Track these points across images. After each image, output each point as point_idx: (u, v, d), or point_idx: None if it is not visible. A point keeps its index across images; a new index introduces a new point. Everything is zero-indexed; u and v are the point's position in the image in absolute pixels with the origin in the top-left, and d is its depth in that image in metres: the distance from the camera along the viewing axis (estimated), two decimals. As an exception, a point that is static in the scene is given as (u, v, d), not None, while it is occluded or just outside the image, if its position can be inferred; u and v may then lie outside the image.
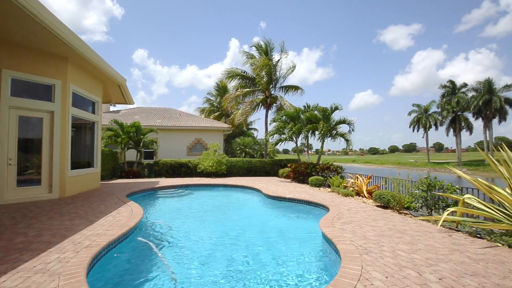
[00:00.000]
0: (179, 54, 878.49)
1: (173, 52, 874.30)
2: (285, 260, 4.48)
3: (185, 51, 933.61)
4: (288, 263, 4.36)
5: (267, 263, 4.35)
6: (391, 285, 3.15)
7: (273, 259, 4.53)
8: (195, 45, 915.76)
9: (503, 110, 42.60)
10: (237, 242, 5.44)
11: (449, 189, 6.55)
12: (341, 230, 5.26)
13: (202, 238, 5.63)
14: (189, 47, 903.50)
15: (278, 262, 4.38)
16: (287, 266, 4.25)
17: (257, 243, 5.41)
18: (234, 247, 5.09)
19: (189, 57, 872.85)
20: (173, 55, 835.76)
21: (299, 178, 13.73)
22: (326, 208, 7.52)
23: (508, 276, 3.43)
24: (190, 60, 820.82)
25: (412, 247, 4.43)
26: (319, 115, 14.19)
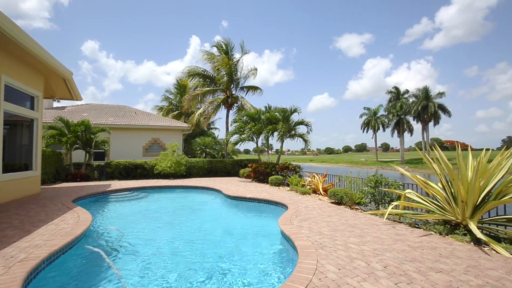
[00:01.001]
0: (135, 48, 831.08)
1: (128, 46, 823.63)
2: (245, 259, 4.51)
3: (142, 45, 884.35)
4: (248, 262, 4.39)
5: (227, 264, 4.32)
6: (343, 276, 3.37)
7: (233, 259, 4.52)
8: (153, 40, 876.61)
9: (437, 115, 48.46)
10: (197, 244, 5.32)
11: (393, 185, 7.22)
12: (298, 227, 5.46)
13: (159, 243, 5.38)
14: (146, 41, 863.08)
15: (239, 262, 4.38)
16: (247, 265, 4.28)
17: (217, 244, 5.35)
18: (194, 250, 4.97)
19: (146, 52, 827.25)
20: (129, 49, 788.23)
21: (260, 178, 13.93)
22: (285, 206, 7.74)
23: (439, 260, 3.91)
24: (148, 55, 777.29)
25: (362, 240, 4.79)
26: (279, 116, 14.56)
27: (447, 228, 5.27)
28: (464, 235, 4.90)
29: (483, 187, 5.10)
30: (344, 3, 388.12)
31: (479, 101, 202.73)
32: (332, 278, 3.30)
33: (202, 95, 21.14)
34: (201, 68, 21.61)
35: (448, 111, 48.61)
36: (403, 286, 3.14)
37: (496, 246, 4.34)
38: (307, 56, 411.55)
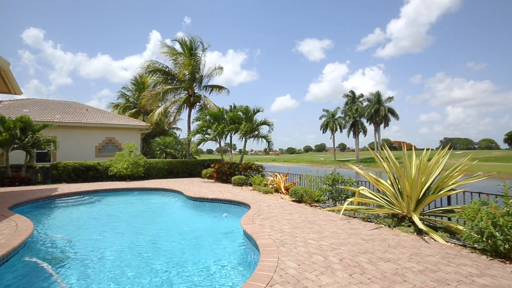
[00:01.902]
0: (88, 40, 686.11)
1: (79, 36, 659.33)
2: (207, 261, 4.42)
3: (96, 37, 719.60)
4: (209, 264, 4.32)
5: (189, 266, 4.20)
6: (302, 271, 3.49)
7: (196, 261, 4.41)
8: (109, 32, 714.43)
9: (387, 117, 52.91)
10: (157, 249, 5.08)
11: (348, 182, 7.69)
12: (260, 226, 5.53)
13: (112, 250, 5.02)
14: (101, 33, 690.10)
15: (200, 264, 4.28)
16: (209, 267, 4.20)
17: (178, 247, 5.17)
18: (153, 256, 4.73)
19: (100, 45, 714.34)
20: (80, 40, 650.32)
21: (223, 178, 13.81)
22: (248, 206, 7.78)
23: (387, 250, 4.26)
24: (102, 48, 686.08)
25: (320, 235, 5.01)
26: (242, 116, 14.59)
27: (395, 220, 5.77)
28: (408, 227, 5.41)
29: (424, 183, 5.69)
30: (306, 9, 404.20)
31: (422, 106, 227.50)
32: (292, 274, 3.39)
33: (163, 93, 20.27)
34: (161, 64, 20.68)
35: (397, 115, 53.39)
36: (357, 276, 3.36)
37: (434, 235, 4.87)
38: (271, 58, 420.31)
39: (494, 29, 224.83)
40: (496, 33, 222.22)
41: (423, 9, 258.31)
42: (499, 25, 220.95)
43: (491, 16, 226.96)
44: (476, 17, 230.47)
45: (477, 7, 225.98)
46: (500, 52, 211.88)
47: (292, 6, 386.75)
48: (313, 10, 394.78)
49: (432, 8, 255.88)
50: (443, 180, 5.70)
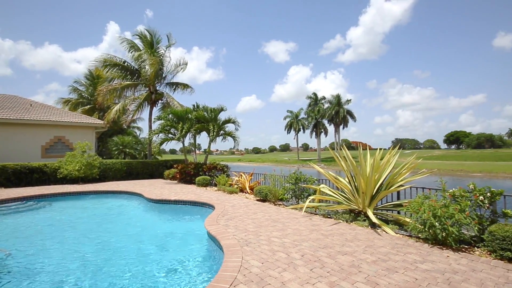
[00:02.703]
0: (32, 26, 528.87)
1: (21, 21, 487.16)
2: (170, 265, 4.27)
3: (42, 24, 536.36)
4: (173, 268, 4.18)
5: (151, 272, 4.01)
6: (266, 269, 3.55)
7: (158, 266, 4.23)
8: (58, 19, 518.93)
9: (346, 119, 56.16)
10: (113, 257, 4.76)
11: (310, 181, 8.00)
12: (225, 226, 5.50)
13: (61, 261, 4.59)
14: (49, 20, 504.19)
15: (163, 269, 4.12)
16: (172, 271, 4.07)
17: (138, 253, 4.90)
18: (109, 264, 4.43)
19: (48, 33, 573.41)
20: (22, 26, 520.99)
21: (186, 179, 13.44)
22: (212, 206, 7.68)
23: (345, 244, 4.53)
24: (50, 37, 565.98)
25: (283, 233, 5.15)
26: (208, 116, 14.35)
27: (352, 216, 6.15)
28: (364, 221, 5.81)
29: (377, 180, 6.15)
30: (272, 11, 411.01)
31: (377, 109, 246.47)
32: (255, 273, 3.44)
33: (121, 89, 19.06)
34: (120, 59, 19.44)
35: (354, 116, 56.95)
36: (317, 270, 3.52)
37: (385, 228, 5.30)
38: (237, 57, 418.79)
39: (437, 42, 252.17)
40: (439, 45, 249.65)
41: (379, 19, 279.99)
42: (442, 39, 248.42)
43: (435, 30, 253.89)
44: (423, 30, 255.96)
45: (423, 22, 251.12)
46: (441, 63, 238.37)
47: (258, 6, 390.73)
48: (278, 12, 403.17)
49: (386, 19, 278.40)
50: (393, 177, 6.23)
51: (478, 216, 4.49)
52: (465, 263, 3.77)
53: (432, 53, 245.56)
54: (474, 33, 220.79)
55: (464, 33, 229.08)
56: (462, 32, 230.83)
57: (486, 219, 4.52)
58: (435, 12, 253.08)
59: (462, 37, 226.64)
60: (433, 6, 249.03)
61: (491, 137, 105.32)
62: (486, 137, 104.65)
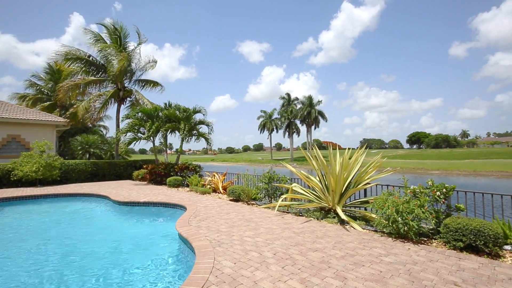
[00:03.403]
0: None
1: None
2: (139, 270, 4.09)
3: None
4: (143, 273, 4.01)
5: (118, 278, 3.81)
6: (238, 269, 3.53)
7: (126, 272, 4.03)
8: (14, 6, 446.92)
9: (317, 119, 57.89)
10: (76, 266, 4.45)
11: (283, 180, 8.12)
12: (197, 228, 5.39)
13: (18, 275, 4.21)
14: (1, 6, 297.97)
15: (132, 275, 3.94)
16: (142, 276, 3.90)
17: (104, 259, 4.63)
18: (72, 274, 4.13)
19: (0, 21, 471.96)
20: None
21: (157, 180, 12.99)
22: (184, 207, 7.50)
23: (316, 241, 4.66)
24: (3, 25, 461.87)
25: (256, 232, 5.17)
26: (180, 115, 13.99)
27: (322, 213, 6.35)
28: (333, 218, 6.02)
29: (346, 178, 6.41)
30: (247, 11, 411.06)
31: (346, 110, 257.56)
32: (228, 273, 3.41)
33: (85, 85, 17.91)
34: (85, 53, 18.24)
35: (325, 117, 58.89)
36: (289, 268, 3.58)
37: (353, 224, 5.54)
38: (211, 56, 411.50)
39: (402, 49, 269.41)
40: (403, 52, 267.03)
41: (349, 24, 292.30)
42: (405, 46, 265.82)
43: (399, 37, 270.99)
44: (389, 37, 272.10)
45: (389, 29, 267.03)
46: (405, 68, 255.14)
47: (233, 6, 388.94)
48: (253, 13, 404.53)
49: (356, 24, 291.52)
50: (361, 176, 6.53)
51: (435, 210, 4.86)
52: (423, 254, 4.06)
53: (397, 59, 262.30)
54: (433, 42, 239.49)
55: (425, 41, 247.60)
56: (423, 41, 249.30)
57: (442, 213, 4.90)
58: (399, 21, 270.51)
59: (423, 45, 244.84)
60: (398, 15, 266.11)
61: (447, 137, 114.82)
62: (443, 138, 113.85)
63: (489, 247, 3.95)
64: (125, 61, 16.72)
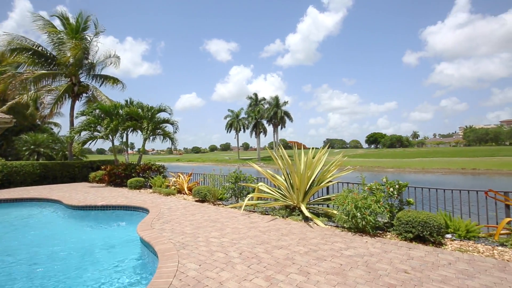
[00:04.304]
0: None
1: None
2: (97, 279, 3.80)
3: None
4: (101, 281, 3.73)
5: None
6: (203, 271, 3.47)
7: (82, 282, 3.71)
8: None
9: (283, 120, 59.18)
10: (22, 280, 4.00)
11: (249, 179, 8.16)
12: (160, 231, 5.19)
13: None
14: None
15: (90, 284, 3.64)
16: (100, 285, 3.63)
17: (57, 270, 4.23)
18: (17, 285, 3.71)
19: None
20: None
21: (116, 182, 12.23)
22: (146, 210, 7.17)
23: (281, 238, 4.76)
24: None
25: (222, 232, 5.12)
26: (143, 113, 13.33)
27: (287, 211, 6.50)
28: (298, 215, 6.20)
29: (310, 177, 6.64)
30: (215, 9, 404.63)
31: (311, 111, 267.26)
32: (192, 276, 3.33)
33: (35, 79, 16.18)
34: (33, 42, 16.45)
35: (291, 117, 60.43)
36: (254, 266, 3.60)
37: (317, 220, 5.76)
38: (177, 53, 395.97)
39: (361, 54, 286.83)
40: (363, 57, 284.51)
41: (314, 28, 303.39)
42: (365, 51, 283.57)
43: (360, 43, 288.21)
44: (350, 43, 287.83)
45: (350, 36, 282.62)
46: (364, 73, 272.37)
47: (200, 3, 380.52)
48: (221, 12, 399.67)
49: (320, 29, 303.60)
50: (324, 174, 6.81)
51: (389, 205, 5.25)
52: (379, 246, 4.37)
53: (357, 64, 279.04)
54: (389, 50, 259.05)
55: (382, 49, 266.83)
56: (380, 48, 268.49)
57: (395, 207, 5.32)
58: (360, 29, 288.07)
59: (380, 52, 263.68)
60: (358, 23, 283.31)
61: (401, 138, 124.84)
62: (397, 138, 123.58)
63: (434, 237, 4.37)
64: (79, 50, 15.27)
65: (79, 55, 15.18)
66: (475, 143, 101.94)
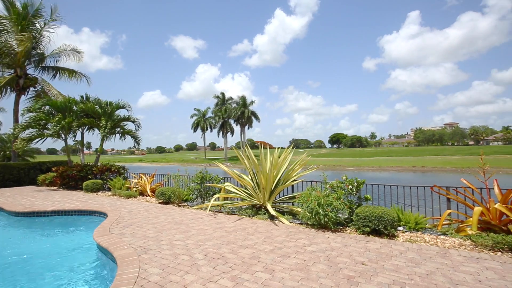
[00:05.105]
0: None
1: None
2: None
3: None
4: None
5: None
6: (167, 275, 3.35)
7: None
8: None
9: (250, 120, 59.49)
10: None
11: (216, 180, 8.06)
12: (119, 235, 4.90)
13: None
14: None
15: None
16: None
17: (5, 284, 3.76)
18: None
19: None
20: None
21: (70, 184, 11.27)
22: (104, 214, 6.72)
23: (247, 238, 4.78)
24: None
25: (187, 234, 5.00)
26: (100, 110, 12.44)
27: (253, 211, 6.55)
28: (264, 214, 6.28)
29: (276, 176, 6.77)
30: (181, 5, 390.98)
31: (278, 112, 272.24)
32: (155, 281, 3.20)
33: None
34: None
35: (258, 117, 60.94)
36: (220, 267, 3.57)
37: (282, 218, 5.89)
38: (140, 47, 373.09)
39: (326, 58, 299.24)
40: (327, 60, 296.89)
41: (281, 31, 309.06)
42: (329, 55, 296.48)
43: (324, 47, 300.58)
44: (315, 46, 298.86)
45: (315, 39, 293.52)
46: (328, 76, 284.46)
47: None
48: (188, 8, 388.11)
49: (287, 31, 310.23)
50: (289, 173, 6.99)
51: (349, 201, 5.56)
52: (340, 241, 4.60)
53: (321, 67, 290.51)
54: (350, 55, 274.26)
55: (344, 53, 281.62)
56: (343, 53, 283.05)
57: (354, 203, 5.65)
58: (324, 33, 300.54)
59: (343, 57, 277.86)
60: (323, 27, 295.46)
61: (360, 138, 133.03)
62: (357, 139, 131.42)
63: (388, 230, 4.73)
64: (29, 42, 13.81)
65: (27, 45, 13.65)
66: (424, 143, 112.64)
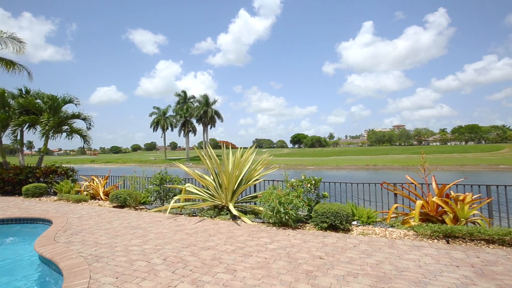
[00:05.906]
0: None
1: None
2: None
3: None
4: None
5: None
6: (122, 283, 3.14)
7: None
8: None
9: (213, 119, 58.67)
10: None
11: (176, 181, 7.79)
12: (66, 244, 4.47)
13: None
14: None
15: None
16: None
17: None
18: None
19: None
20: None
21: (6, 189, 9.94)
22: (49, 221, 6.07)
23: (208, 239, 4.70)
24: None
25: (144, 239, 4.75)
26: (43, 105, 11.19)
27: (216, 211, 6.47)
28: (226, 215, 6.24)
29: (238, 176, 6.77)
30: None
31: (241, 112, 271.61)
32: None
33: None
34: None
35: (222, 117, 60.36)
36: (180, 271, 3.46)
37: (244, 218, 5.91)
38: (92, 38, 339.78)
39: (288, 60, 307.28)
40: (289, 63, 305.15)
41: (245, 31, 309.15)
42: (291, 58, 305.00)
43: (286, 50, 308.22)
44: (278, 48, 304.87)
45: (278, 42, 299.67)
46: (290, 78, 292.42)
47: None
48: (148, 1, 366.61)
49: (251, 32, 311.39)
50: (251, 173, 7.05)
51: (308, 199, 5.79)
52: (299, 237, 4.77)
53: (283, 69, 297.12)
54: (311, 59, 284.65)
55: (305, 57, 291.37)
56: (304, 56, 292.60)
57: (313, 200, 5.90)
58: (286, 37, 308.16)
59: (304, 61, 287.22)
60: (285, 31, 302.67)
61: (320, 139, 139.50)
62: (316, 139, 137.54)
63: (343, 224, 5.03)
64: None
65: None
66: (376, 143, 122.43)
